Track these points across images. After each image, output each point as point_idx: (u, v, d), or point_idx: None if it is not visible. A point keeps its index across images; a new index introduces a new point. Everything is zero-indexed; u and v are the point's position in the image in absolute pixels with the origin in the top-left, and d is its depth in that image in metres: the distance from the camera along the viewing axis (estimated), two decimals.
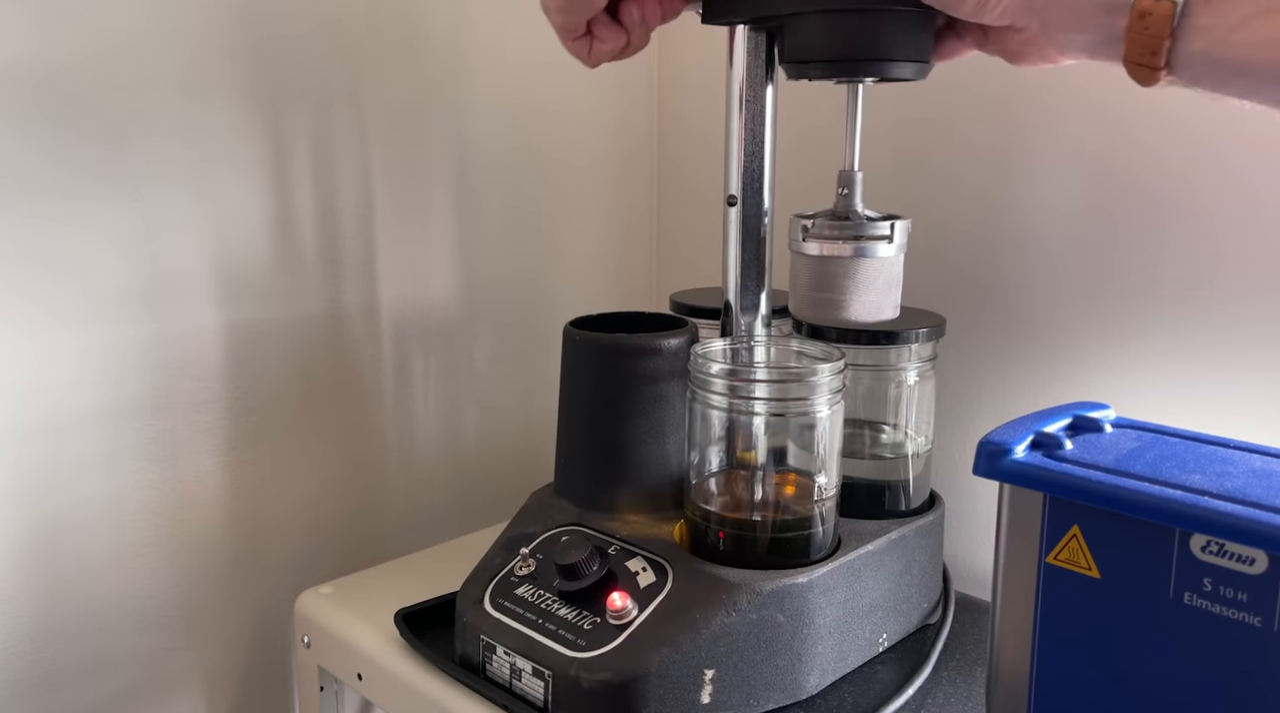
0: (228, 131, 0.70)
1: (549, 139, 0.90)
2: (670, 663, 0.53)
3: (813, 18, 0.51)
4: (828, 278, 0.56)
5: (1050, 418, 0.52)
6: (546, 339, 0.93)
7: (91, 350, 0.66)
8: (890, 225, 0.55)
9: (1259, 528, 0.41)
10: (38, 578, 0.66)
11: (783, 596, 0.55)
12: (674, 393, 0.63)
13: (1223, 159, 0.63)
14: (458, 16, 0.81)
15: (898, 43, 0.51)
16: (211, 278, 0.71)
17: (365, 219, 0.79)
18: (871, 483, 0.66)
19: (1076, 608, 0.47)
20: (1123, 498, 0.44)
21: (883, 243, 0.55)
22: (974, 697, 0.59)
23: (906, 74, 0.53)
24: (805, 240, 0.56)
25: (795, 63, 0.54)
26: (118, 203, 0.66)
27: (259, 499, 0.76)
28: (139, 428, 0.69)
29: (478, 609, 0.60)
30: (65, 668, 0.69)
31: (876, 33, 0.51)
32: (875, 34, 0.51)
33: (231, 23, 0.69)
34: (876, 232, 0.55)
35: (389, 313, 0.82)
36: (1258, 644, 0.42)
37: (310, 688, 0.73)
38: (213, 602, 0.75)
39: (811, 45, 0.53)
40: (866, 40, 0.51)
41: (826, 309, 0.56)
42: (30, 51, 0.61)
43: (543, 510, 0.65)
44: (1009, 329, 0.75)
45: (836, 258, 0.55)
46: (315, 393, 0.78)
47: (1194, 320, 0.66)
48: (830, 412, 0.58)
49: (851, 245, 0.55)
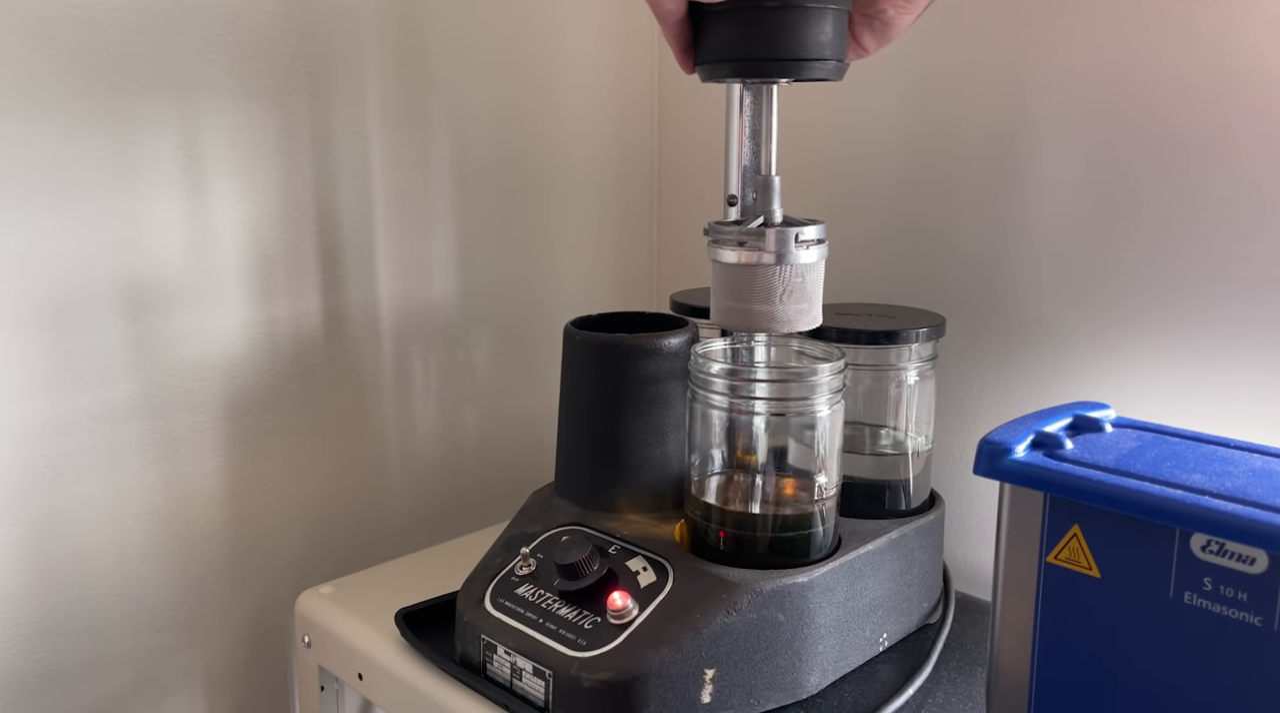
0: (227, 130, 0.70)
1: (549, 139, 0.90)
2: (671, 663, 0.53)
3: (718, 18, 0.50)
4: (743, 286, 0.53)
5: (1050, 418, 0.52)
6: (546, 339, 0.93)
7: (92, 350, 0.66)
8: (804, 231, 0.53)
9: (1259, 528, 0.41)
10: (38, 578, 0.66)
11: (783, 595, 0.55)
12: (674, 393, 0.63)
13: (1223, 159, 0.63)
14: (458, 16, 0.81)
15: (806, 41, 0.49)
16: (210, 278, 0.71)
17: (365, 219, 0.79)
18: (872, 483, 0.66)
19: (1077, 608, 0.47)
20: (1123, 498, 0.44)
21: (801, 249, 0.53)
22: (974, 697, 0.59)
23: (820, 74, 0.51)
24: (719, 247, 0.54)
25: (705, 64, 0.52)
26: (115, 201, 0.66)
27: (259, 499, 0.76)
28: (139, 428, 0.69)
29: (478, 609, 0.60)
30: (65, 668, 0.69)
31: (782, 31, 0.49)
32: (781, 33, 0.49)
33: (232, 21, 0.69)
34: (790, 237, 0.52)
35: (389, 313, 0.82)
36: (1258, 644, 0.42)
37: (310, 688, 0.73)
38: (213, 602, 0.75)
39: (718, 46, 0.51)
40: (771, 39, 0.49)
41: (743, 319, 0.54)
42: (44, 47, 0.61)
43: (543, 510, 0.66)
44: (1009, 329, 0.75)
45: (751, 266, 0.53)
46: (315, 393, 0.78)
47: (1194, 320, 0.66)
48: (830, 411, 0.58)
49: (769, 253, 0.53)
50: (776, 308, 0.53)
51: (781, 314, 0.54)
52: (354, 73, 0.76)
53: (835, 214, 0.84)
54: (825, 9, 0.49)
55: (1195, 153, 0.64)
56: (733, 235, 0.53)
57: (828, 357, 0.59)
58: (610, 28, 0.92)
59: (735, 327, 0.55)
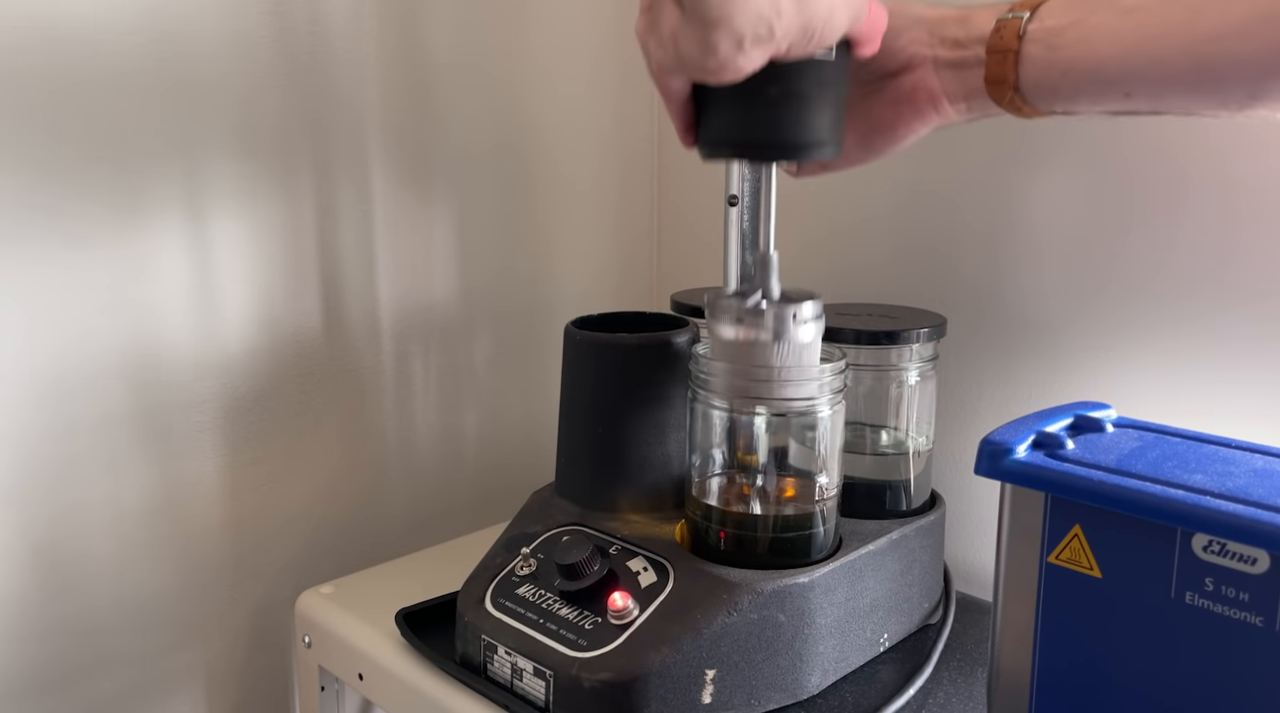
0: (227, 131, 0.70)
1: (550, 139, 0.90)
2: (671, 663, 0.53)
3: (719, 101, 0.51)
4: (742, 360, 0.55)
5: (1052, 418, 0.52)
6: (546, 339, 0.93)
7: (91, 350, 0.66)
8: (802, 307, 0.54)
9: (1260, 528, 0.41)
10: (38, 578, 0.66)
11: (784, 595, 0.55)
12: (674, 393, 0.63)
13: (1224, 159, 0.63)
14: (458, 17, 0.81)
15: (805, 126, 0.51)
16: (210, 278, 0.71)
17: (365, 218, 0.79)
18: (872, 483, 0.66)
19: (1078, 608, 0.47)
20: (1124, 498, 0.44)
21: (801, 327, 0.55)
22: (975, 697, 0.59)
23: (819, 156, 0.52)
24: (718, 321, 0.56)
25: (706, 144, 0.53)
26: (113, 198, 0.66)
27: (259, 499, 0.76)
28: (139, 428, 0.69)
29: (479, 609, 0.60)
30: (65, 668, 0.69)
31: (784, 117, 0.51)
32: (782, 119, 0.51)
33: (232, 20, 0.69)
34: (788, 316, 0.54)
35: (389, 313, 0.82)
36: (1259, 644, 0.42)
37: (311, 688, 0.73)
38: (213, 602, 0.75)
39: (719, 128, 0.52)
40: (772, 125, 0.51)
41: (742, 390, 0.56)
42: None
43: (543, 510, 0.65)
44: (1010, 329, 0.75)
45: (749, 343, 0.55)
46: (315, 393, 0.78)
47: (1196, 320, 0.66)
48: (831, 412, 0.58)
49: (767, 330, 0.54)
50: (774, 384, 0.55)
51: (779, 388, 0.55)
52: (354, 70, 0.76)
53: (836, 213, 0.84)
54: (825, 96, 0.51)
55: (1195, 152, 0.64)
56: (731, 311, 0.55)
57: (829, 357, 0.59)
58: (611, 27, 0.92)
59: (734, 395, 0.57)
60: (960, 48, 0.55)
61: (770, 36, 0.45)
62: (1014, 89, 0.52)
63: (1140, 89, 0.49)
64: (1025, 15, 0.52)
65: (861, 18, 0.50)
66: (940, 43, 0.55)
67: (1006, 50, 0.52)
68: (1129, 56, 0.48)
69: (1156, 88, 0.48)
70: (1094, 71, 0.49)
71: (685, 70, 0.48)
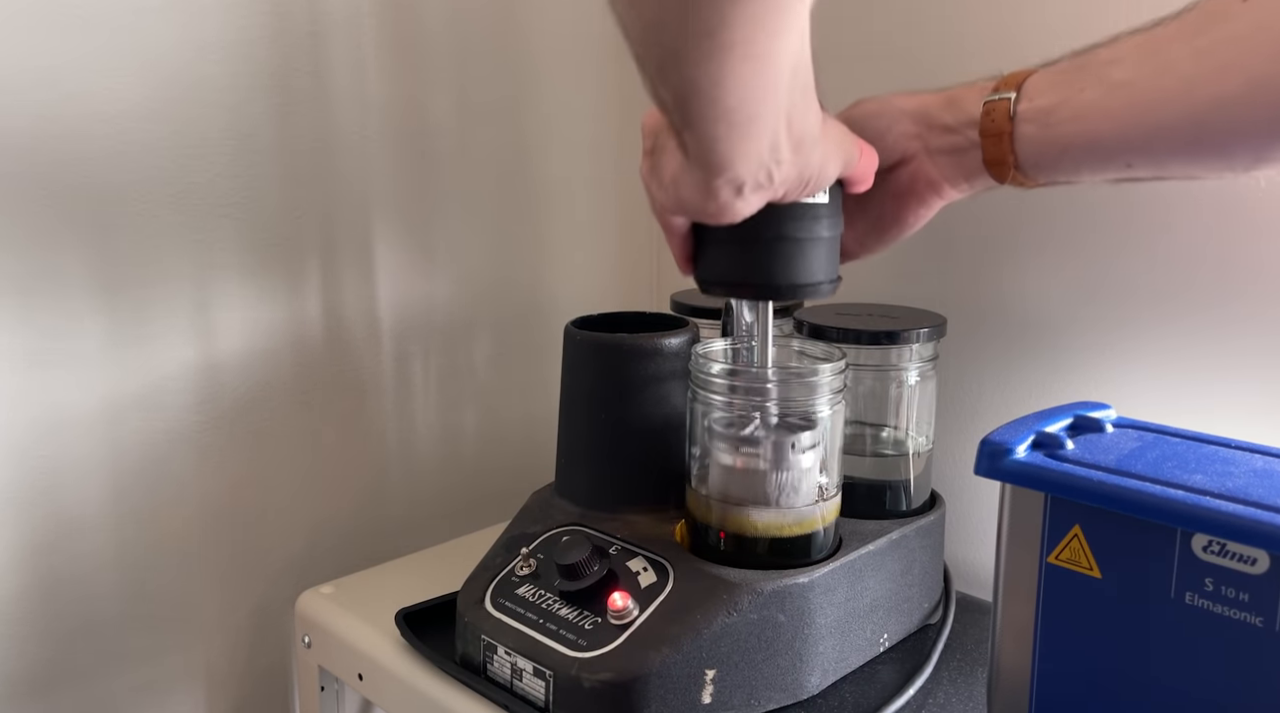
0: (226, 131, 0.70)
1: (550, 139, 0.90)
2: (671, 663, 0.53)
3: (717, 243, 0.53)
4: (741, 484, 0.57)
5: (1051, 418, 0.52)
6: (546, 339, 0.93)
7: (91, 350, 0.66)
8: (801, 438, 0.56)
9: (1260, 528, 0.41)
10: (39, 578, 0.66)
11: (784, 596, 0.55)
12: (675, 393, 0.63)
13: None
14: (458, 16, 0.81)
15: (799, 270, 0.53)
16: (210, 278, 0.71)
17: (365, 218, 0.79)
18: (872, 483, 0.66)
19: (1077, 608, 0.47)
20: (1124, 498, 0.44)
21: (803, 455, 0.56)
22: (975, 697, 0.59)
23: (813, 296, 0.54)
24: (717, 449, 0.57)
25: (704, 281, 0.55)
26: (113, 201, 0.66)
27: (259, 499, 0.76)
28: (139, 428, 0.69)
29: (479, 609, 0.60)
30: (65, 668, 0.69)
31: (778, 262, 0.52)
32: (777, 263, 0.52)
33: (234, 20, 0.69)
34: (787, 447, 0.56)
35: (389, 313, 0.81)
36: (1259, 644, 0.42)
37: (310, 688, 0.73)
38: (213, 602, 0.75)
39: (716, 269, 0.54)
40: (766, 269, 0.52)
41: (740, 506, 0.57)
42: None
43: (543, 510, 0.65)
44: (1010, 329, 0.75)
45: (748, 470, 0.56)
46: (315, 393, 0.78)
47: (1195, 320, 0.66)
48: (831, 412, 0.58)
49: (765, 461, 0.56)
50: (771, 508, 0.57)
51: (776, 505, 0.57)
52: (355, 72, 0.76)
53: None
54: (819, 239, 0.52)
55: None
56: (730, 439, 0.57)
57: (828, 357, 0.59)
58: (609, 29, 0.92)
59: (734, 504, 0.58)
60: (952, 133, 0.56)
61: (769, 183, 0.46)
62: (1015, 168, 0.53)
63: (1141, 159, 0.49)
64: (1012, 96, 0.52)
65: (853, 162, 0.52)
66: (930, 131, 0.57)
67: (1000, 133, 0.53)
68: (1126, 131, 0.48)
69: (1158, 158, 0.48)
70: (1092, 147, 0.50)
71: (685, 213, 0.50)
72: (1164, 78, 0.47)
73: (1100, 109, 0.49)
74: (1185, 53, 0.46)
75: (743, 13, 0.36)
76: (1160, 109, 0.47)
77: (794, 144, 0.45)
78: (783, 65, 0.40)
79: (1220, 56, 0.45)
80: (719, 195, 0.46)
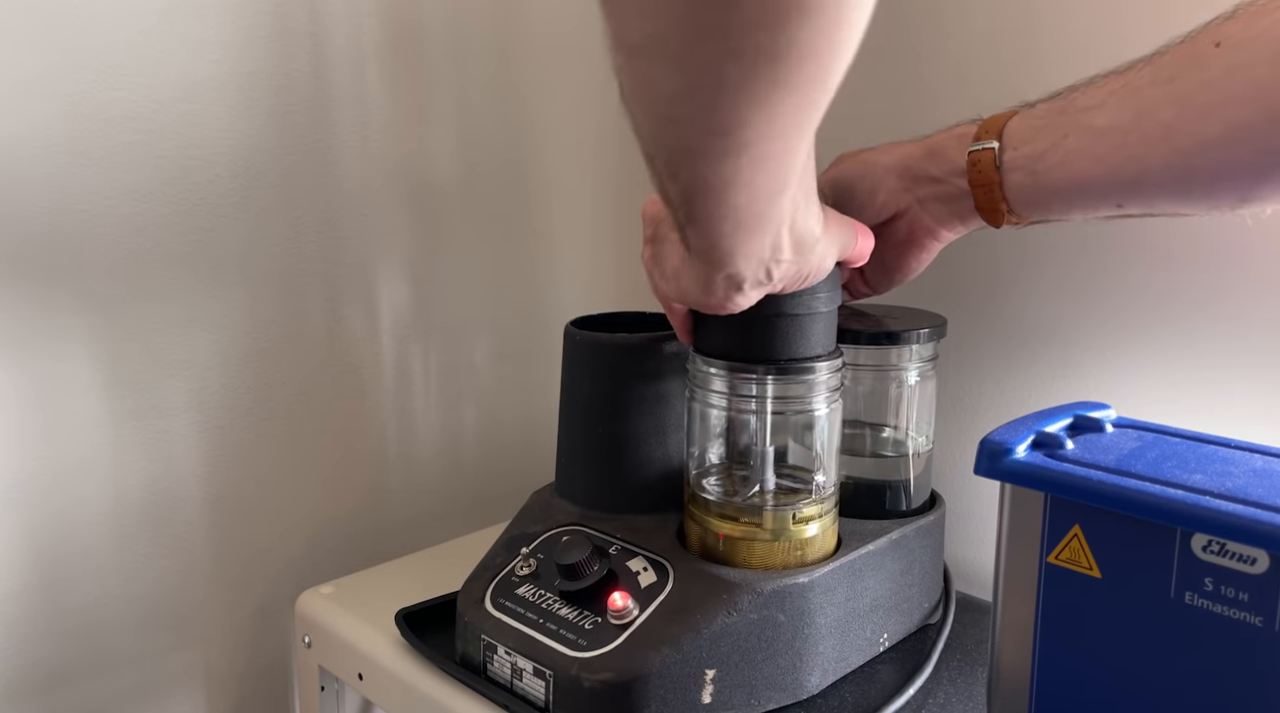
0: (226, 131, 0.70)
1: (549, 138, 0.90)
2: (671, 663, 0.53)
3: (716, 320, 0.54)
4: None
5: (1051, 418, 0.52)
6: (546, 339, 0.93)
7: (90, 349, 0.66)
8: (801, 509, 0.57)
9: (1260, 528, 0.41)
10: (38, 578, 0.66)
11: (784, 595, 0.55)
12: (674, 393, 0.63)
13: None
14: (458, 16, 0.81)
15: (796, 345, 0.54)
16: (210, 278, 0.71)
17: (365, 218, 0.79)
18: (873, 483, 0.66)
19: (1077, 608, 0.47)
20: (1124, 498, 0.44)
21: (800, 526, 0.57)
22: (975, 697, 0.59)
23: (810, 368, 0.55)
24: (716, 517, 0.58)
25: (705, 353, 0.56)
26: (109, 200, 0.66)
27: (260, 499, 0.76)
28: (139, 428, 0.69)
29: (479, 609, 0.60)
30: (65, 668, 0.69)
31: (776, 339, 0.54)
32: (775, 339, 0.54)
33: (234, 20, 0.69)
34: (788, 518, 0.57)
35: (389, 313, 0.82)
36: (1259, 644, 0.42)
37: (311, 688, 0.73)
38: (213, 602, 0.75)
39: (716, 343, 0.56)
40: (764, 345, 0.54)
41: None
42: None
43: (543, 510, 0.65)
44: (1010, 329, 0.75)
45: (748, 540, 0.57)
46: (316, 393, 0.78)
47: (1195, 320, 0.66)
48: (829, 410, 0.58)
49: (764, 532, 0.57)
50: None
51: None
52: (355, 71, 0.76)
53: None
54: (815, 314, 0.54)
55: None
56: (728, 510, 0.57)
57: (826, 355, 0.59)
58: None
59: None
60: (940, 183, 0.57)
61: (768, 281, 0.47)
62: (1008, 212, 0.55)
63: (1130, 200, 0.50)
64: (995, 145, 0.53)
65: (850, 248, 0.53)
66: (917, 184, 0.58)
67: (989, 183, 0.54)
68: (1113, 175, 0.49)
69: (1146, 198, 0.50)
70: (1083, 191, 0.51)
71: (686, 303, 0.51)
72: (1145, 123, 0.48)
73: (1087, 155, 0.50)
74: (1163, 99, 0.47)
75: (763, 115, 0.35)
76: (1145, 156, 0.48)
77: (795, 243, 0.46)
78: (794, 167, 0.40)
79: (1198, 103, 0.46)
80: (718, 291, 0.47)
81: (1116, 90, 0.50)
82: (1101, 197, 0.50)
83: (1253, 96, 0.44)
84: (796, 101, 0.35)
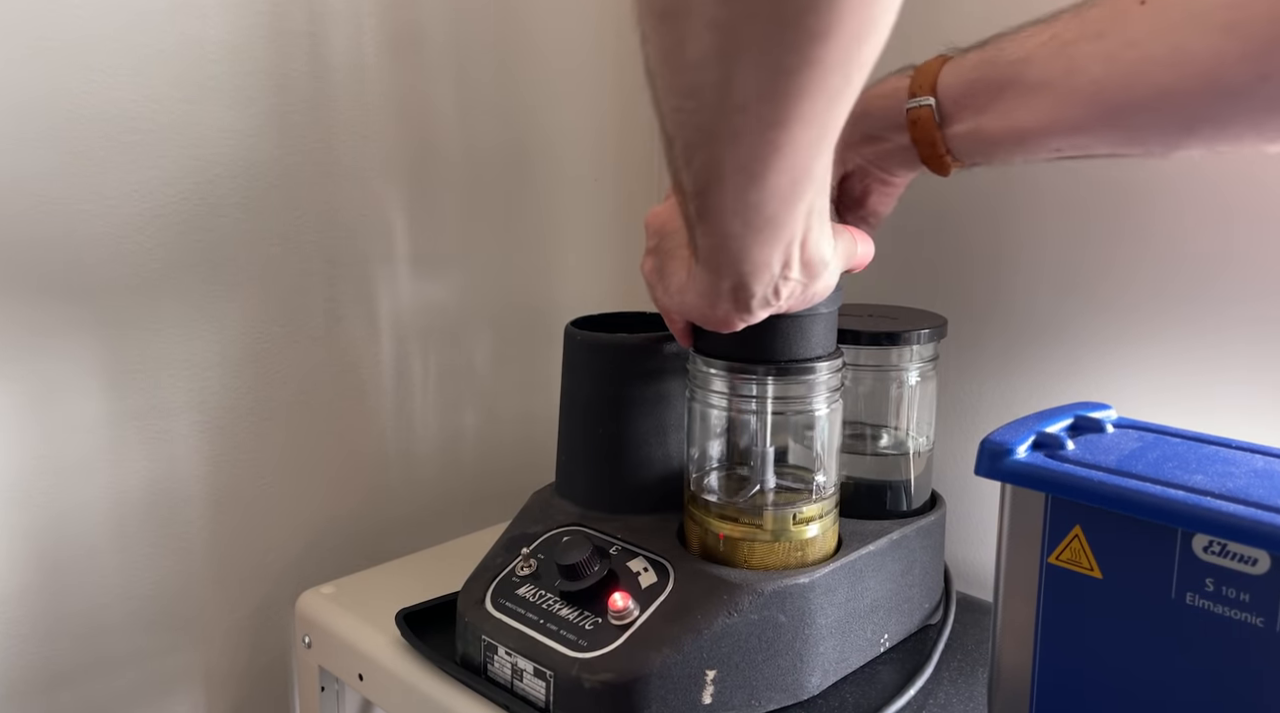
0: (226, 131, 0.70)
1: (550, 138, 0.90)
2: (672, 664, 0.53)
3: None
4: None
5: (1052, 418, 0.52)
6: (546, 339, 0.93)
7: (90, 349, 0.66)
8: (801, 510, 0.57)
9: (1261, 528, 0.41)
10: (39, 578, 0.66)
11: (784, 596, 0.55)
12: (674, 393, 0.63)
13: (1225, 159, 0.63)
14: (459, 17, 0.81)
15: (797, 346, 0.55)
16: (209, 277, 0.71)
17: (365, 218, 0.79)
18: (873, 483, 0.66)
19: (1078, 608, 0.47)
20: (1125, 498, 0.44)
21: (801, 527, 0.57)
22: (975, 697, 0.59)
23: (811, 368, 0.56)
24: (717, 518, 0.58)
25: (705, 355, 0.57)
26: (110, 199, 0.66)
27: (260, 500, 0.76)
28: (139, 428, 0.69)
29: (479, 609, 0.60)
30: (65, 668, 0.69)
31: (777, 340, 0.54)
32: (776, 341, 0.54)
33: (234, 20, 0.69)
34: (789, 519, 0.57)
35: (389, 313, 0.81)
36: (1259, 645, 0.42)
37: (311, 688, 0.73)
38: (213, 602, 0.75)
39: (716, 346, 0.56)
40: (764, 346, 0.54)
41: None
42: None
43: (544, 511, 0.65)
44: (1010, 329, 0.75)
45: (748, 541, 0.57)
46: (316, 393, 0.78)
47: (1196, 320, 0.66)
48: (829, 410, 0.58)
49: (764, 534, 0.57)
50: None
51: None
52: (355, 71, 0.76)
53: None
54: (816, 315, 0.54)
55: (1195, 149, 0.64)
56: (729, 511, 0.57)
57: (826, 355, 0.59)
58: (612, 26, 0.92)
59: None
60: (881, 141, 0.58)
61: (776, 298, 0.47)
62: (952, 162, 0.56)
63: (1067, 147, 0.52)
64: (931, 102, 0.55)
65: (853, 258, 0.53)
66: (855, 146, 0.59)
67: (931, 139, 0.55)
68: (1049, 128, 0.51)
69: (1082, 145, 0.51)
70: (1020, 142, 0.52)
71: (689, 319, 0.51)
72: (1076, 79, 0.49)
73: (1023, 108, 0.51)
74: (1091, 54, 0.48)
75: (784, 87, 0.35)
76: (1077, 109, 0.49)
77: (805, 264, 0.46)
78: (811, 172, 0.40)
79: (1125, 60, 0.47)
80: (723, 304, 0.47)
81: (1046, 43, 0.50)
82: (1039, 144, 0.52)
83: (1174, 61, 0.45)
84: (819, 83, 0.35)
